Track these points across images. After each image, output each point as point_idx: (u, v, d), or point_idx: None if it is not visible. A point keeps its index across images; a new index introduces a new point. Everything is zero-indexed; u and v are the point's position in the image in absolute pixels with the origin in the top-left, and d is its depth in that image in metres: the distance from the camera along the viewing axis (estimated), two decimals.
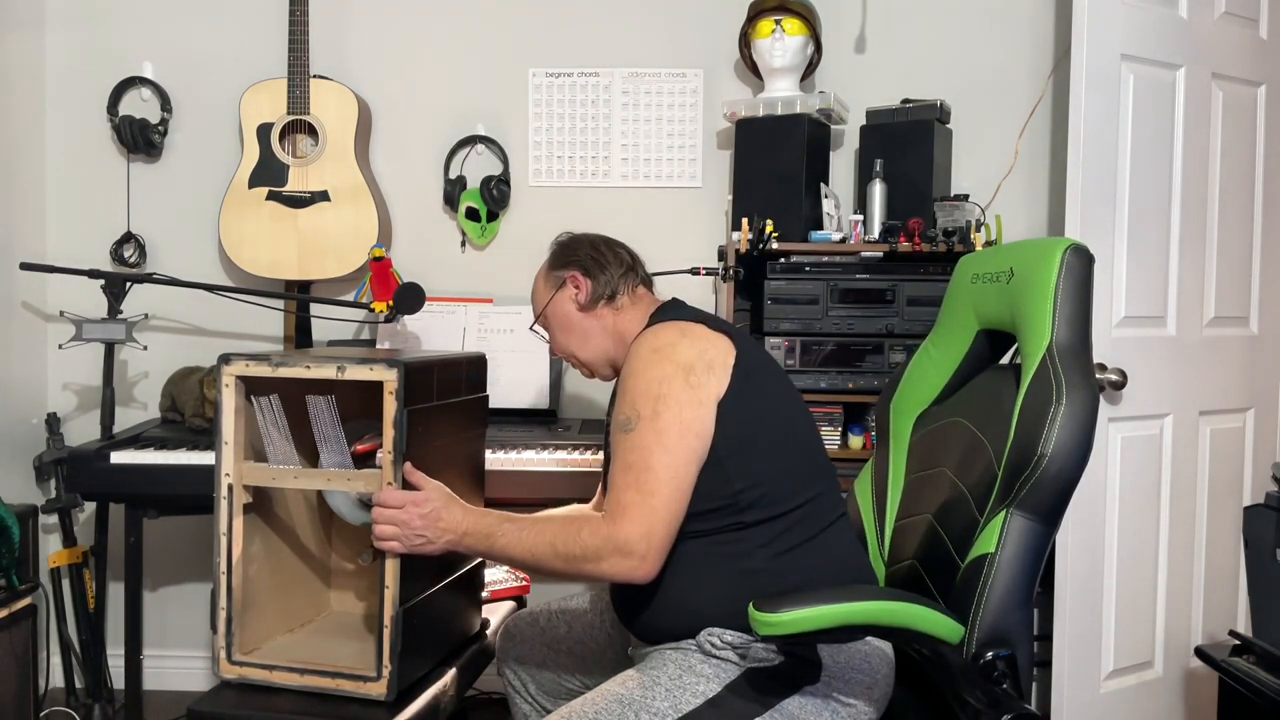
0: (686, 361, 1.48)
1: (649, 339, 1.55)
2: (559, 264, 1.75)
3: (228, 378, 1.61)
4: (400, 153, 2.89)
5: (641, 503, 1.42)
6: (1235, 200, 2.48)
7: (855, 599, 1.37)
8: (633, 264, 1.75)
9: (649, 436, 1.44)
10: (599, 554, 1.42)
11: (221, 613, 1.63)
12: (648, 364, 1.50)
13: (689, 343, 1.51)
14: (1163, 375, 2.37)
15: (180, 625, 2.95)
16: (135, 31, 2.90)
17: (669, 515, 1.43)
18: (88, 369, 2.87)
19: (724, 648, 1.44)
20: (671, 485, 1.43)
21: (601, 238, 1.78)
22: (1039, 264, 1.50)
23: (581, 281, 1.71)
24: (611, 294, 1.71)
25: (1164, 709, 2.43)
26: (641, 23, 2.86)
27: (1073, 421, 1.37)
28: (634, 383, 1.50)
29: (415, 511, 1.51)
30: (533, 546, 1.47)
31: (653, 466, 1.43)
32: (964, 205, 2.48)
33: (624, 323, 1.70)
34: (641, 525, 1.41)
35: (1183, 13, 2.38)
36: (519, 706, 1.87)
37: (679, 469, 1.44)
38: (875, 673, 1.47)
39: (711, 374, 1.49)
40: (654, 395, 1.46)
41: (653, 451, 1.44)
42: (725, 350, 1.52)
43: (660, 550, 1.43)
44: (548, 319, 1.78)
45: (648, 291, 1.76)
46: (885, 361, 2.46)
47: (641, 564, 1.42)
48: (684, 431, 1.45)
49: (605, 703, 1.42)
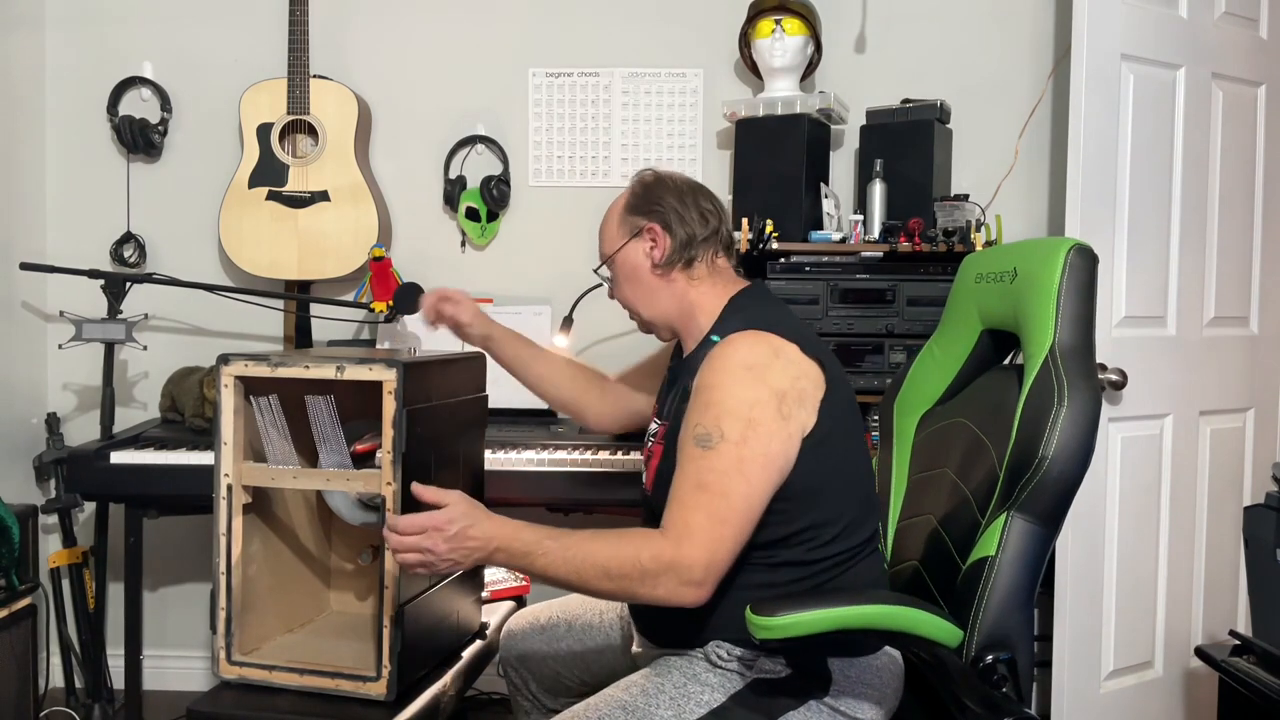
0: (780, 389, 1.38)
1: (740, 350, 1.42)
2: (640, 208, 1.58)
3: (227, 378, 1.61)
4: (400, 153, 2.89)
5: (712, 529, 1.34)
6: (1235, 200, 2.48)
7: (851, 602, 1.36)
8: (719, 226, 1.59)
9: (731, 462, 1.35)
10: (656, 576, 1.33)
11: (221, 613, 1.63)
12: (738, 381, 1.39)
13: (783, 365, 1.41)
14: (1163, 375, 2.37)
15: (180, 625, 2.95)
16: (135, 31, 2.89)
17: (735, 545, 1.36)
18: (88, 369, 2.87)
19: (730, 659, 1.42)
20: (745, 517, 1.36)
21: (690, 184, 1.61)
22: (1042, 264, 1.49)
23: (660, 237, 1.55)
24: (690, 259, 1.56)
25: (1164, 709, 2.43)
26: (641, 23, 2.86)
27: (1075, 424, 1.36)
28: (720, 396, 1.39)
29: (440, 537, 1.35)
30: (580, 567, 1.35)
31: (730, 494, 1.35)
32: (964, 205, 2.48)
33: (697, 294, 1.57)
34: (707, 552, 1.33)
35: (1183, 13, 2.38)
36: (520, 705, 1.87)
37: (754, 500, 1.36)
38: (885, 686, 1.45)
39: (802, 407, 1.40)
40: (744, 419, 1.36)
41: (733, 479, 1.35)
42: (817, 382, 1.42)
43: (718, 579, 1.35)
44: (616, 265, 1.62)
45: (728, 263, 1.61)
46: (885, 361, 2.46)
47: (698, 591, 1.34)
48: (768, 464, 1.37)
49: (608, 708, 1.41)
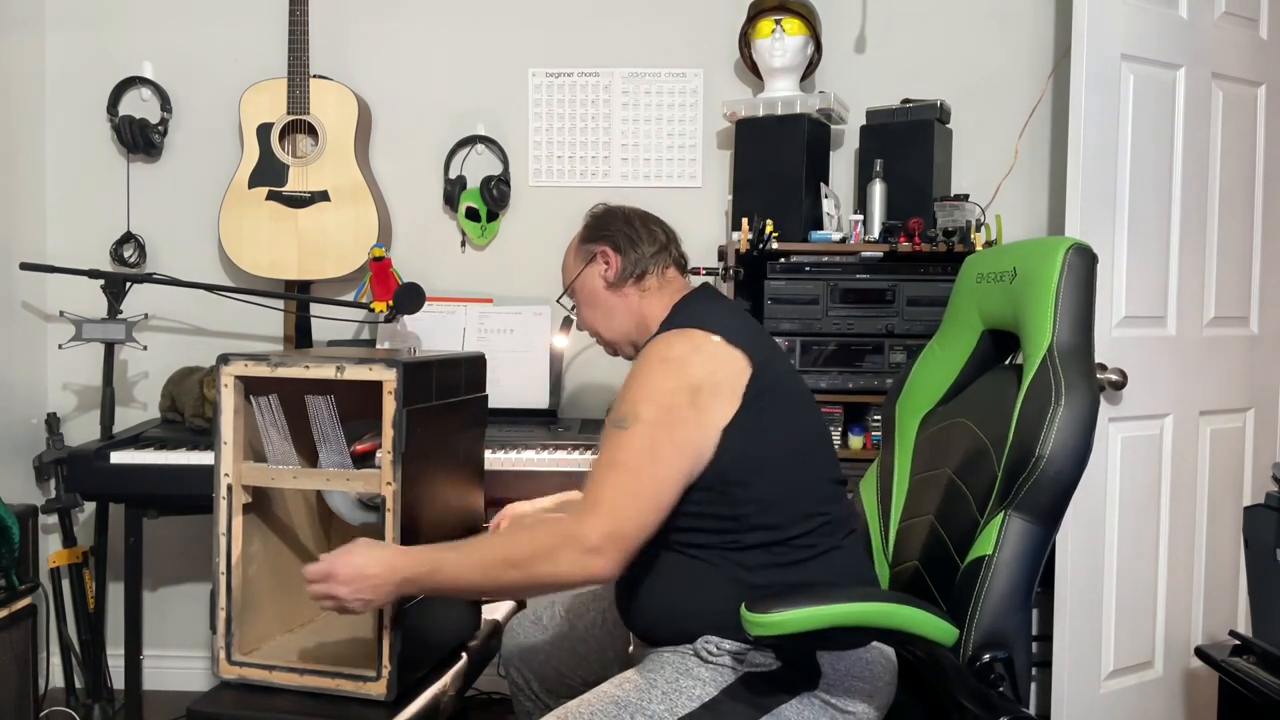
0: (695, 381, 1.43)
1: (662, 345, 1.50)
2: (591, 237, 1.70)
3: (227, 378, 1.61)
4: (400, 153, 2.89)
5: (616, 501, 1.38)
6: (1235, 200, 2.48)
7: (847, 600, 1.36)
8: (667, 243, 1.69)
9: (643, 441, 1.40)
10: (556, 551, 1.37)
11: (221, 613, 1.63)
12: (655, 372, 1.46)
13: (701, 360, 1.45)
14: (1163, 375, 2.37)
15: (180, 625, 2.95)
16: (135, 31, 2.90)
17: (640, 524, 1.38)
18: (88, 369, 2.87)
19: (721, 654, 1.42)
20: (653, 496, 1.39)
21: (638, 212, 1.73)
22: (1041, 263, 1.50)
23: (612, 258, 1.66)
24: (640, 273, 1.66)
25: (1164, 709, 2.43)
26: (641, 23, 2.86)
27: (1072, 423, 1.37)
28: (638, 384, 1.46)
29: (336, 582, 1.43)
30: (485, 565, 1.42)
31: (639, 471, 1.39)
32: (964, 205, 2.48)
33: (649, 306, 1.65)
34: (608, 523, 1.37)
35: (1183, 13, 2.38)
36: (523, 705, 1.86)
37: (663, 481, 1.40)
38: (877, 680, 1.45)
39: (718, 397, 1.43)
40: (658, 404, 1.42)
41: (643, 457, 1.40)
42: (738, 371, 1.45)
43: (622, 554, 1.37)
44: (576, 292, 1.73)
45: (679, 274, 1.70)
46: (885, 361, 2.46)
47: (600, 560, 1.36)
48: (679, 448, 1.41)
49: (601, 704, 1.42)
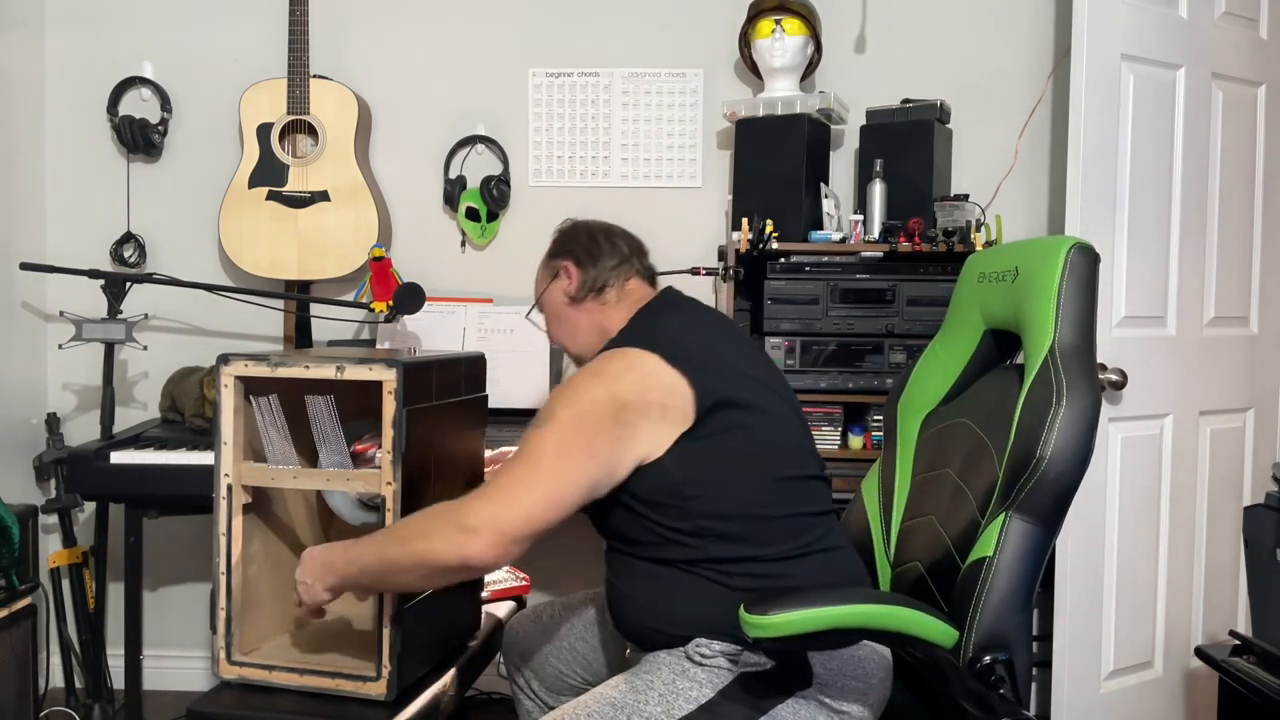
0: (623, 397, 1.41)
1: (599, 361, 1.48)
2: (555, 252, 1.72)
3: (227, 378, 1.61)
4: (400, 153, 2.89)
5: (509, 488, 1.37)
6: (1235, 200, 2.48)
7: (846, 601, 1.35)
8: (629, 255, 1.69)
9: (554, 439, 1.39)
10: (434, 528, 1.36)
11: (221, 613, 1.63)
12: (584, 382, 1.45)
13: (634, 378, 1.43)
14: (1163, 375, 2.37)
15: (180, 625, 2.95)
16: (135, 31, 2.90)
17: (527, 516, 1.35)
18: (88, 369, 2.87)
19: (715, 655, 1.42)
20: (552, 491, 1.37)
21: (602, 226, 1.74)
22: (1043, 263, 1.49)
23: (573, 273, 1.67)
24: (601, 287, 1.66)
25: (1164, 709, 2.43)
26: (641, 23, 2.86)
27: (1073, 424, 1.36)
28: (566, 391, 1.45)
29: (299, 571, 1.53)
30: (383, 544, 1.43)
31: (541, 465, 1.37)
32: (964, 205, 2.48)
33: (607, 319, 1.65)
34: (493, 508, 1.35)
35: (1183, 13, 2.38)
36: (524, 704, 1.87)
37: (566, 480, 1.37)
38: (870, 677, 1.45)
39: (646, 417, 1.41)
40: (578, 409, 1.40)
41: (549, 453, 1.38)
42: (673, 391, 1.42)
43: (501, 541, 1.34)
44: (543, 308, 1.75)
45: (641, 284, 1.69)
46: (885, 362, 2.46)
47: (472, 540, 1.33)
48: (590, 455, 1.38)
49: (598, 706, 1.42)
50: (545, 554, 2.24)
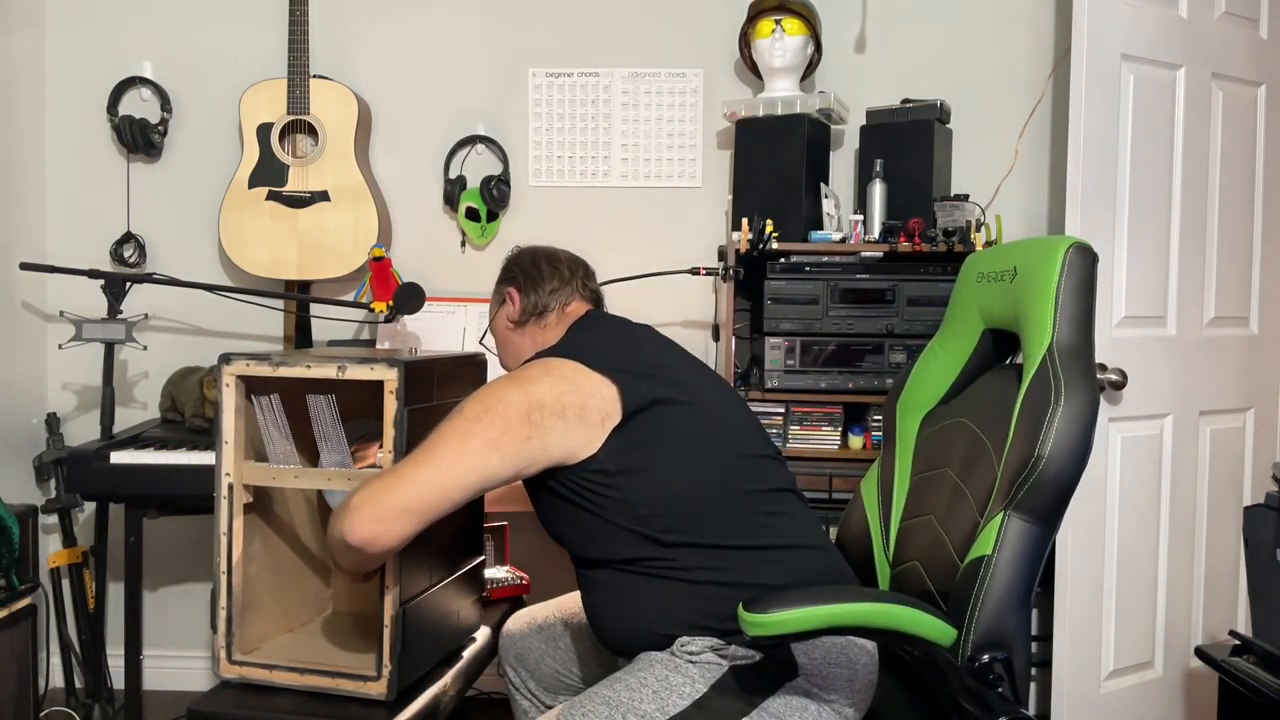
0: (538, 399, 1.43)
1: (520, 368, 1.52)
2: (501, 279, 1.77)
3: (228, 377, 1.61)
4: (400, 153, 2.89)
5: (399, 470, 1.40)
6: (1235, 200, 2.48)
7: (844, 600, 1.36)
8: (569, 278, 1.72)
9: (456, 430, 1.41)
10: (339, 509, 1.39)
11: (221, 612, 1.63)
12: (499, 383, 1.47)
13: (552, 382, 1.45)
14: (1163, 375, 2.37)
15: (180, 625, 2.95)
16: (135, 31, 2.90)
17: (407, 498, 1.37)
18: (88, 369, 2.87)
19: (702, 650, 1.43)
20: (435, 479, 1.38)
21: (546, 251, 1.77)
22: (1041, 262, 1.49)
23: (515, 298, 1.71)
24: (542, 310, 1.70)
25: (1164, 709, 2.43)
26: (641, 23, 2.86)
27: (1071, 423, 1.36)
28: (482, 390, 1.47)
29: None
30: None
31: (435, 452, 1.40)
32: (964, 205, 2.48)
33: (546, 340, 1.68)
34: (377, 487, 1.38)
35: (1183, 13, 2.38)
36: (519, 704, 1.87)
37: (456, 473, 1.39)
38: (854, 664, 1.46)
39: (562, 419, 1.42)
40: (486, 405, 1.43)
41: (449, 442, 1.40)
42: (588, 395, 1.45)
43: (376, 520, 1.36)
44: (494, 334, 1.79)
45: (582, 305, 1.73)
46: (885, 362, 2.46)
47: (348, 517, 1.36)
48: (492, 449, 1.40)
49: (593, 705, 1.42)
50: (545, 555, 2.24)
